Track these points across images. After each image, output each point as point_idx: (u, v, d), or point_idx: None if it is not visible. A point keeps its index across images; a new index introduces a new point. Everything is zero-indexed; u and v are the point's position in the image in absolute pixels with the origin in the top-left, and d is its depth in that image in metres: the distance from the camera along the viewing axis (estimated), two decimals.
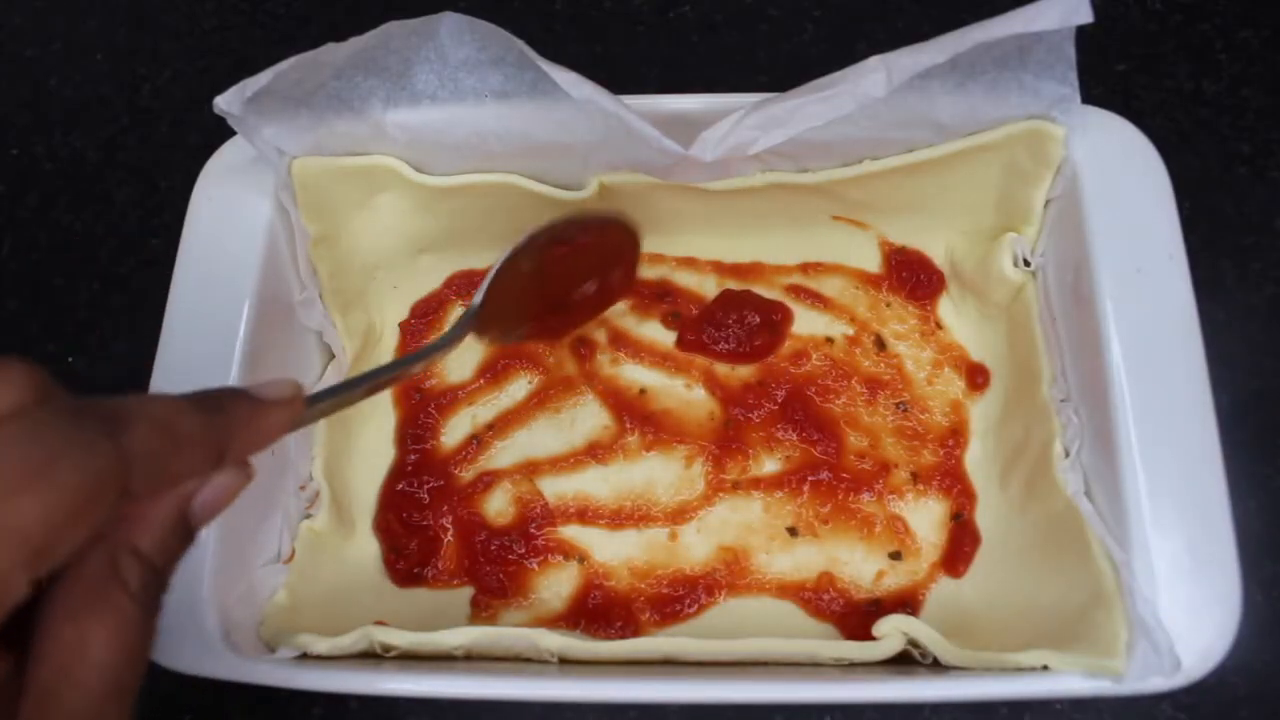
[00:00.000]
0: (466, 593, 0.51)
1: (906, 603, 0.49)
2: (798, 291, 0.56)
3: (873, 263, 0.56)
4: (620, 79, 0.47)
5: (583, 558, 0.51)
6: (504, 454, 0.54)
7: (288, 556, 0.48)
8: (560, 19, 0.70)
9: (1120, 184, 0.46)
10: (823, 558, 0.51)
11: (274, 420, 0.30)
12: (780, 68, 0.67)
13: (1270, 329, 0.58)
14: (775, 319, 0.55)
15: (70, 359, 0.62)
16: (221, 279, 0.48)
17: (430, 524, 0.52)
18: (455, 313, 0.57)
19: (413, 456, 0.54)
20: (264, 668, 0.42)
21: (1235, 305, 0.58)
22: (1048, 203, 0.49)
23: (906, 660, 0.44)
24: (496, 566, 0.51)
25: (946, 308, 0.55)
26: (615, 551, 0.51)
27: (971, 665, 0.42)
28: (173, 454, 0.26)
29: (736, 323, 0.54)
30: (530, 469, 0.53)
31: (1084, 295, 0.45)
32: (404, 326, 0.57)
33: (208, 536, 0.43)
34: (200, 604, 0.42)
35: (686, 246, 0.57)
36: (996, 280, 0.51)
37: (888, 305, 0.56)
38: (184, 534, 0.28)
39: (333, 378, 0.52)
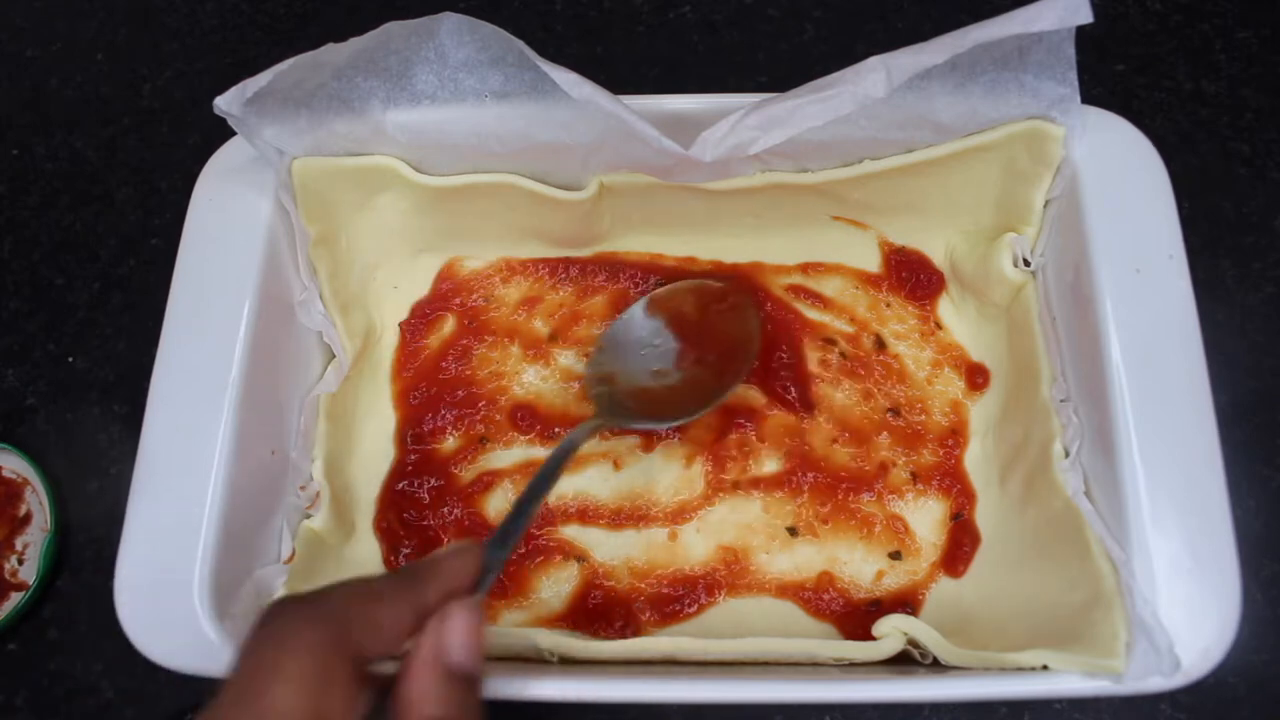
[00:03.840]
0: None
1: (906, 602, 0.49)
2: (798, 291, 0.56)
3: (873, 263, 0.56)
4: (620, 79, 0.47)
5: (583, 558, 0.51)
6: (504, 454, 0.54)
7: (288, 557, 0.48)
8: (560, 19, 0.70)
9: (1120, 184, 0.46)
10: (822, 558, 0.51)
11: (454, 565, 0.33)
12: (780, 68, 0.67)
13: (1270, 329, 0.58)
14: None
15: (70, 359, 0.62)
16: (221, 279, 0.48)
17: (430, 524, 0.52)
18: (454, 316, 0.57)
19: (413, 457, 0.54)
20: None
21: (1235, 305, 0.58)
22: (1047, 203, 0.49)
23: (906, 660, 0.44)
24: None
25: (946, 308, 0.55)
26: (615, 551, 0.51)
27: (971, 665, 0.42)
28: (375, 607, 0.30)
29: None
30: (530, 469, 0.53)
31: (1084, 295, 0.45)
32: (404, 326, 0.57)
33: (209, 536, 0.43)
34: (201, 604, 0.42)
35: (686, 246, 0.57)
36: (996, 280, 0.51)
37: (887, 305, 0.56)
38: (458, 680, 0.30)
39: (333, 377, 0.52)
